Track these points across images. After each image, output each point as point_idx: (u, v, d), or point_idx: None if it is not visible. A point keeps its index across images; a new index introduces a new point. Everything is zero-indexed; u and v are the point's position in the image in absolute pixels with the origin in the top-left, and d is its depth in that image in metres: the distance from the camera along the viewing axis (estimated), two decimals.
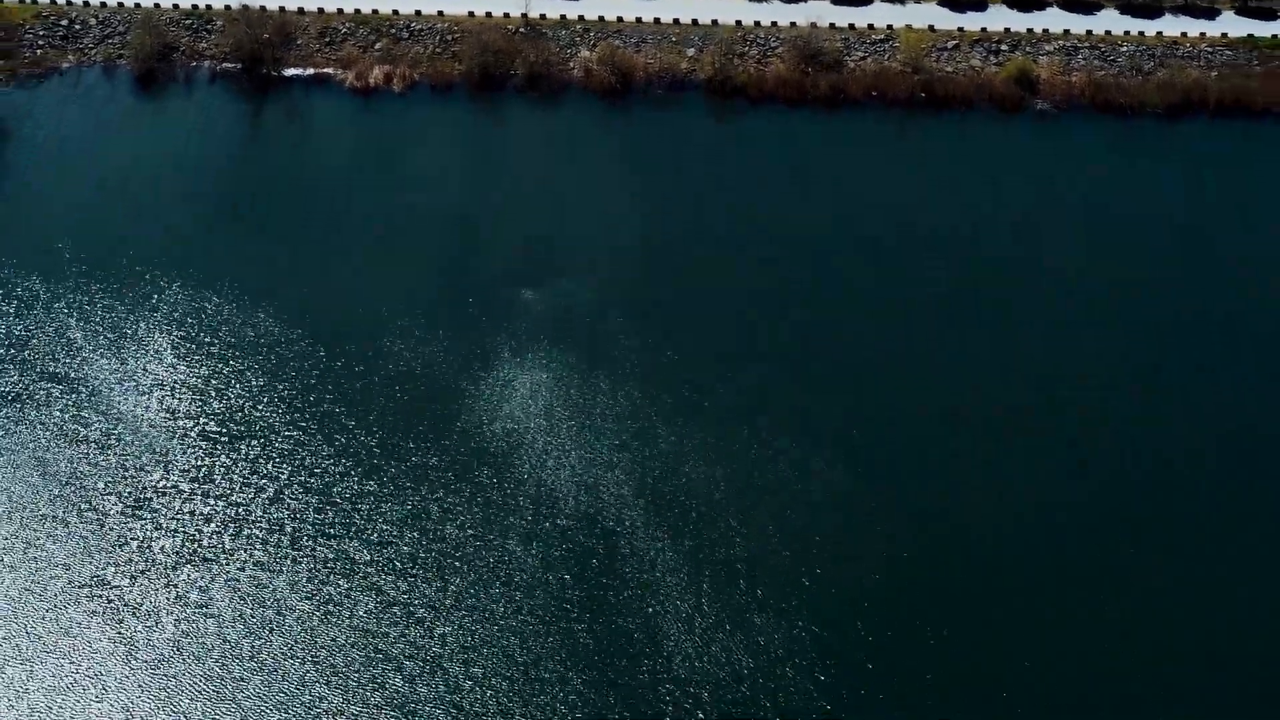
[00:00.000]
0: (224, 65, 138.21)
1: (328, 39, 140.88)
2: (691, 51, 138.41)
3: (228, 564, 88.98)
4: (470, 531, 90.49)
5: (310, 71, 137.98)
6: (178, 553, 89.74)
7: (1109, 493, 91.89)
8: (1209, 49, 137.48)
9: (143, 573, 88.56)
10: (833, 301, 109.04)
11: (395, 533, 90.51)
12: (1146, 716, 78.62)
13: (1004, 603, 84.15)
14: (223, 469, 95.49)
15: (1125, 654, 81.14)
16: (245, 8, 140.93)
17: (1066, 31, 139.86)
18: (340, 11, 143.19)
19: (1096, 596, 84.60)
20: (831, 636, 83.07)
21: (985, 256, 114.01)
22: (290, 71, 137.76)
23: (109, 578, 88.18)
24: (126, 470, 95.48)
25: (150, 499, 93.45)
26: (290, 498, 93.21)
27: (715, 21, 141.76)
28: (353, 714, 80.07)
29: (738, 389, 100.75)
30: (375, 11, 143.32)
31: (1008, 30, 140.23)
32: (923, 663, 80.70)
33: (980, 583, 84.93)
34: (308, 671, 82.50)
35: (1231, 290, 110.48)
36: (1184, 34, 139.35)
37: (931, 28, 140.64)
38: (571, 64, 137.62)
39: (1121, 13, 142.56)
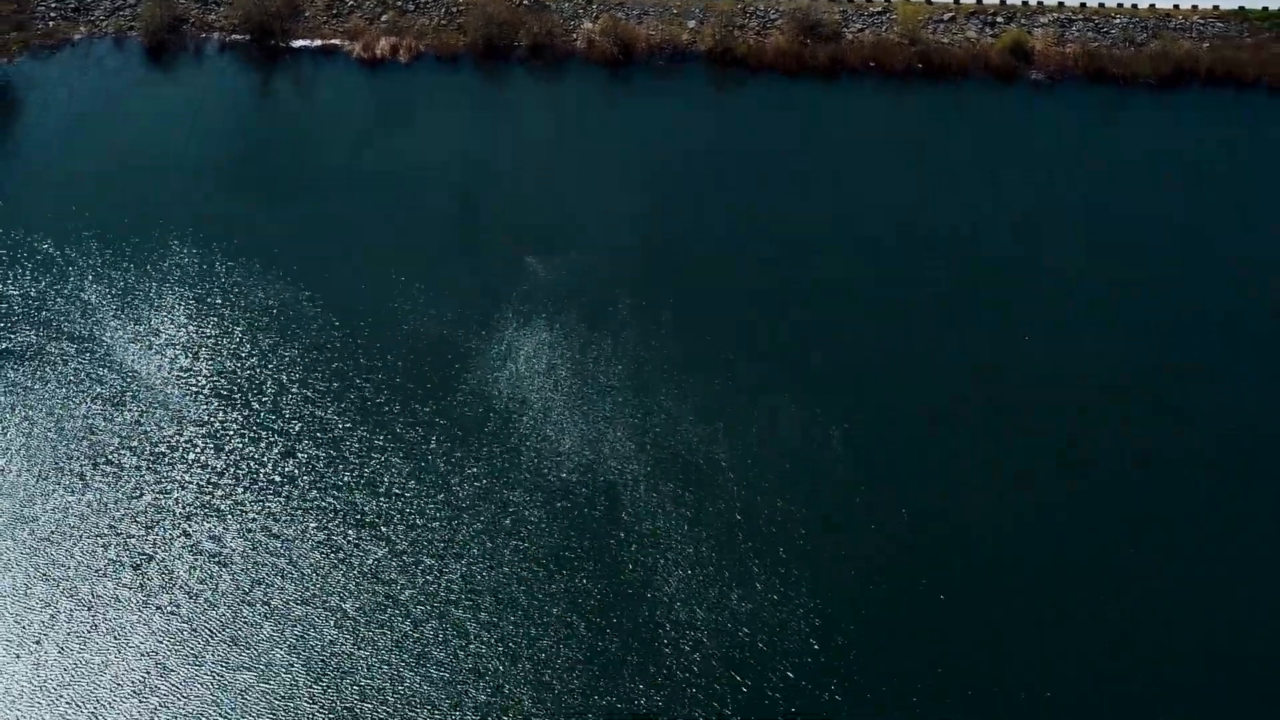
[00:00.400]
0: (233, 37, 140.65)
1: (335, 11, 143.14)
2: (692, 23, 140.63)
3: (240, 515, 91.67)
4: (476, 484, 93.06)
5: (318, 43, 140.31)
6: (191, 504, 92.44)
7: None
8: (1201, 21, 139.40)
9: (157, 523, 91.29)
10: (828, 262, 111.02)
11: (403, 485, 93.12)
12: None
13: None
14: (235, 424, 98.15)
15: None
16: None
17: (1061, 4, 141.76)
18: None
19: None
20: (826, 589, 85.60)
21: (980, 218, 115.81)
22: (298, 43, 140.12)
23: (125, 528, 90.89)
24: (141, 425, 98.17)
25: (164, 453, 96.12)
26: (301, 452, 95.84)
27: None
28: (362, 657, 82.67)
29: (736, 352, 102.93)
30: None
31: (1003, 2, 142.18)
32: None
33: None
34: (318, 616, 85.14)
35: (1227, 259, 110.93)
36: (1176, 6, 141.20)
37: (928, 0, 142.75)
38: (574, 35, 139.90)
39: None
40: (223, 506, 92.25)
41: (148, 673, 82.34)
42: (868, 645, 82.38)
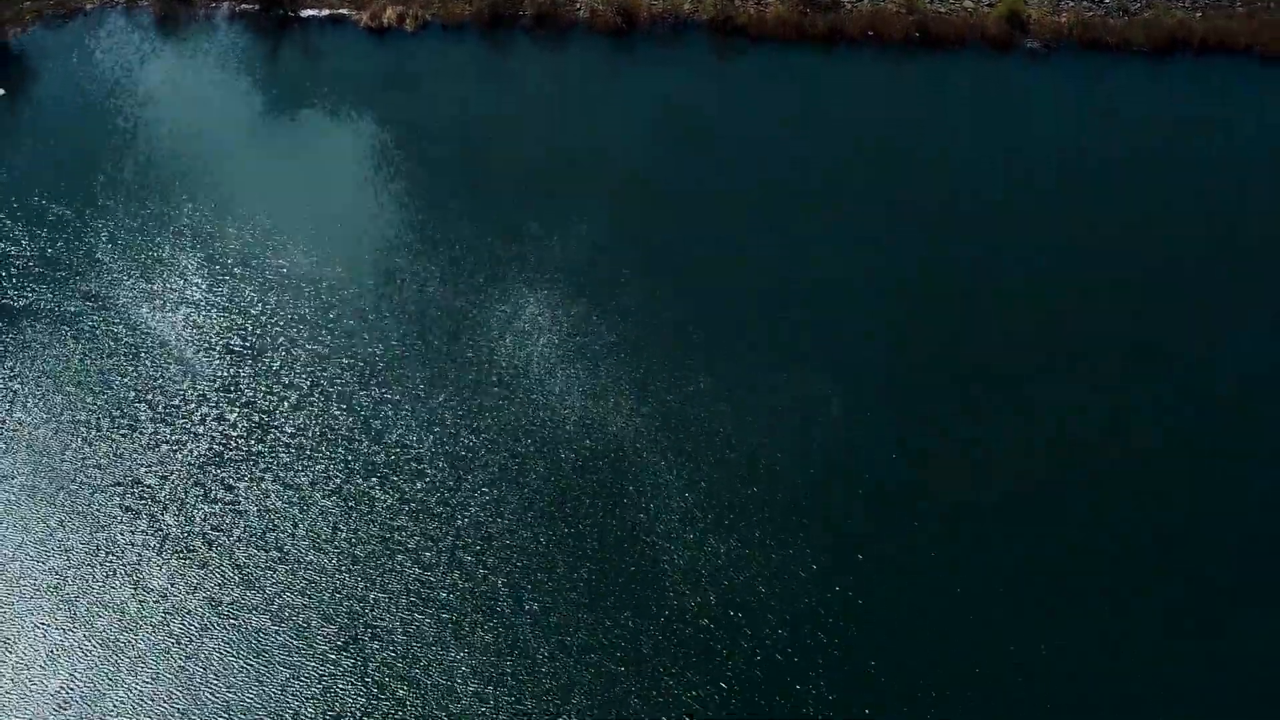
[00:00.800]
0: (242, 6, 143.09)
1: None
2: None
3: (253, 465, 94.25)
4: (483, 435, 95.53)
5: (325, 12, 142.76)
6: (205, 454, 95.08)
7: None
8: None
9: (173, 473, 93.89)
10: (826, 227, 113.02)
11: (412, 437, 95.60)
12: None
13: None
14: (247, 379, 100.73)
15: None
16: None
17: None
18: None
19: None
20: (823, 539, 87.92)
21: (975, 194, 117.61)
22: (306, 12, 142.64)
23: (141, 477, 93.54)
24: (155, 380, 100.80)
25: (179, 406, 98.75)
26: (311, 405, 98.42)
27: None
28: (372, 599, 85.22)
29: (739, 325, 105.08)
30: None
31: None
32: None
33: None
34: (330, 562, 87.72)
35: (1222, 234, 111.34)
36: None
37: None
38: (578, 5, 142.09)
39: None
40: (236, 457, 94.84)
41: (165, 614, 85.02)
42: (866, 589, 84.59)
